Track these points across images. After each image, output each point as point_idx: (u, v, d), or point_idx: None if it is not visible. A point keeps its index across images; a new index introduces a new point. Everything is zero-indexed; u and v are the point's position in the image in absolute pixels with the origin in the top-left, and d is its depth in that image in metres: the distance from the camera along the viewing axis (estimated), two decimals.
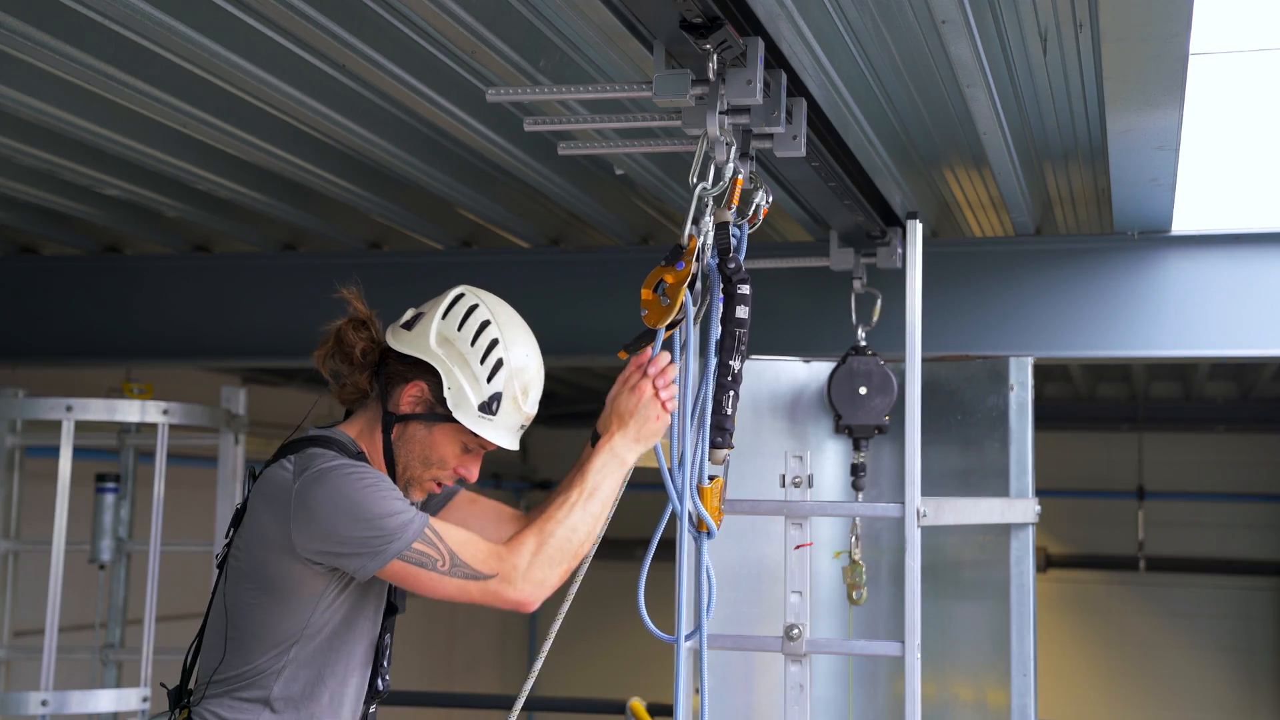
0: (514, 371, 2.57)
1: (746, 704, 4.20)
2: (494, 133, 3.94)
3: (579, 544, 2.51)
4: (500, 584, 2.43)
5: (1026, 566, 4.06)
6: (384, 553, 2.39)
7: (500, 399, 2.56)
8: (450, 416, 2.55)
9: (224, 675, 2.50)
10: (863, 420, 4.20)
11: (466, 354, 2.55)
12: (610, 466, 2.59)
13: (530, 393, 2.61)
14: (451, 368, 2.55)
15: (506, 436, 2.60)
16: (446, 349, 2.56)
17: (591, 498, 2.54)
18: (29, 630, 5.57)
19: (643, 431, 2.62)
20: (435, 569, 2.41)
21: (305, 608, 2.47)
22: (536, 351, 2.65)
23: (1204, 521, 11.46)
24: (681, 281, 2.62)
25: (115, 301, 5.79)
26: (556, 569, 2.47)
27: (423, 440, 2.58)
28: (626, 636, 6.85)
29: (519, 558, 2.44)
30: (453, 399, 2.54)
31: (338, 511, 2.40)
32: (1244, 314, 4.74)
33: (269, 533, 2.45)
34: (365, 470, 2.47)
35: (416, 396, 2.58)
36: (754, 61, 2.62)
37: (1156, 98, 3.34)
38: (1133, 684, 11.57)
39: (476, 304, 2.61)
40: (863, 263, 4.36)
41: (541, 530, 2.48)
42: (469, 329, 2.57)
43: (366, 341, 2.61)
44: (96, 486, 5.44)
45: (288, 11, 3.05)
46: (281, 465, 2.50)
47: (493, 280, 5.44)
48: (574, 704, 7.08)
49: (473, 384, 2.54)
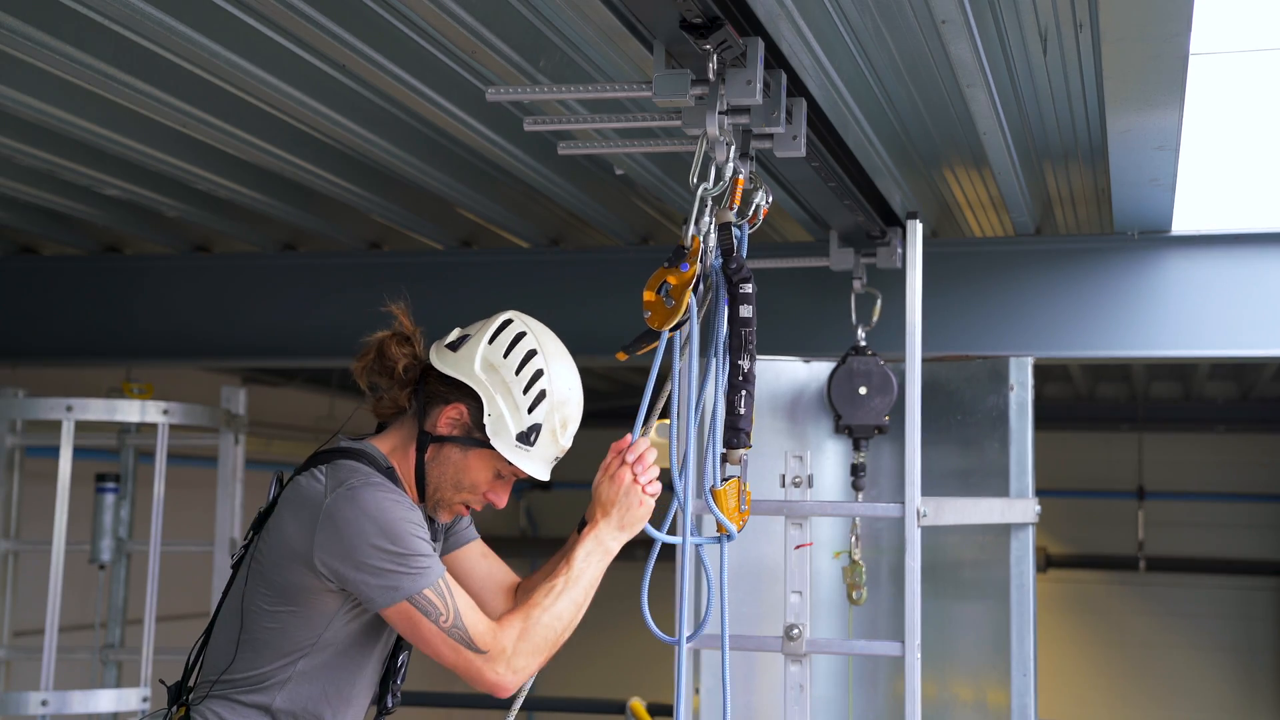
0: (555, 404, 2.56)
1: (746, 704, 4.20)
2: (494, 133, 3.94)
3: (561, 632, 2.50)
4: (486, 662, 2.42)
5: (1026, 566, 4.06)
6: (398, 590, 2.38)
7: (539, 430, 2.54)
8: (488, 443, 2.53)
9: (230, 677, 2.49)
10: (863, 420, 4.20)
11: (510, 382, 2.53)
12: (595, 555, 2.57)
13: (569, 426, 2.60)
14: (494, 394, 2.52)
15: (541, 468, 2.59)
16: (490, 375, 2.54)
17: (576, 585, 2.53)
18: (29, 630, 5.57)
19: (625, 519, 2.60)
20: (437, 622, 2.40)
21: (319, 621, 2.46)
22: (579, 386, 2.63)
23: (1204, 521, 11.46)
24: (686, 283, 2.61)
25: (115, 301, 5.79)
26: (536, 659, 2.46)
27: (456, 463, 2.56)
28: (626, 636, 6.85)
29: (506, 640, 2.43)
30: (492, 426, 2.52)
31: (366, 535, 2.38)
32: (1244, 314, 4.74)
33: (293, 542, 2.43)
34: (400, 498, 2.46)
35: (455, 419, 2.55)
36: (754, 61, 2.62)
37: (1156, 98, 3.34)
38: (1133, 684, 11.57)
39: (525, 332, 2.59)
40: (863, 263, 4.36)
41: (528, 617, 2.47)
42: (515, 357, 2.55)
43: (409, 358, 2.59)
44: (96, 486, 5.44)
45: (288, 11, 3.05)
46: (313, 475, 2.47)
47: (493, 280, 5.49)
48: (574, 704, 7.09)
49: (513, 413, 2.52)
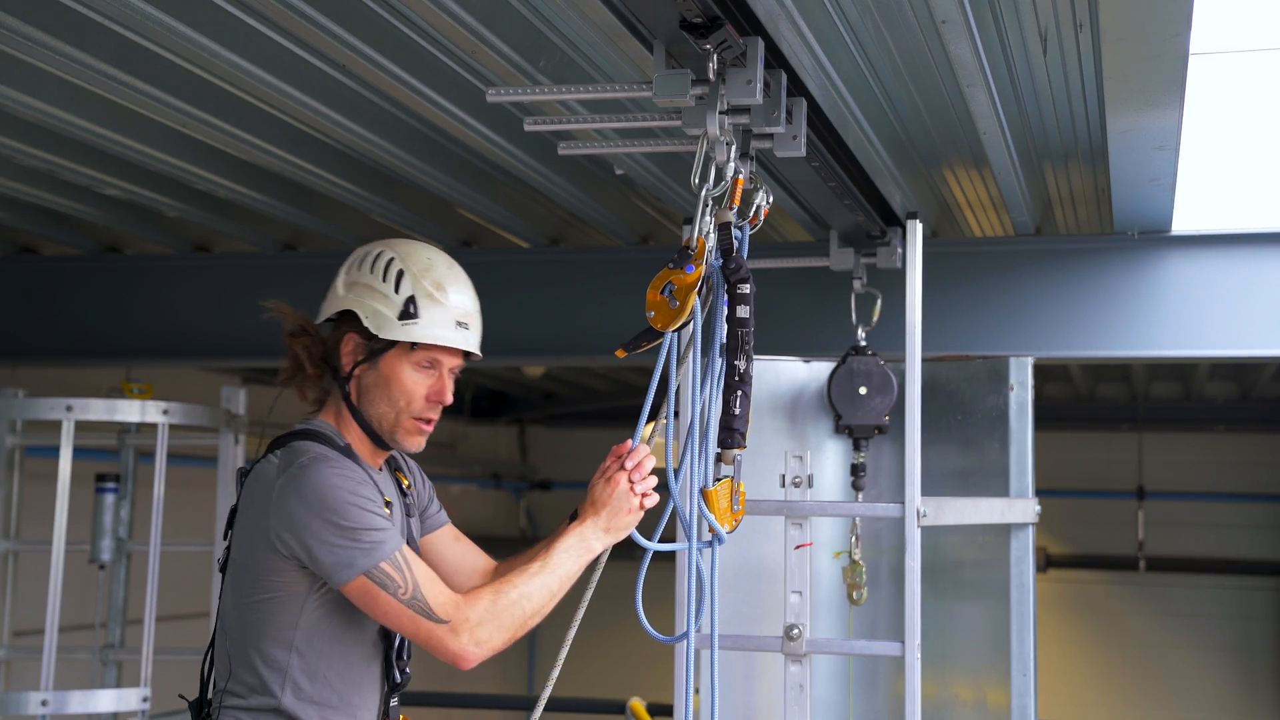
0: (418, 273, 2.57)
1: (747, 704, 4.20)
2: (494, 133, 3.94)
3: (529, 614, 2.49)
4: (449, 632, 2.41)
5: (1026, 566, 4.06)
6: (354, 566, 2.38)
7: (415, 300, 2.55)
8: (384, 343, 2.55)
9: (235, 685, 2.49)
10: (863, 420, 4.20)
11: (370, 281, 2.56)
12: (576, 551, 2.57)
13: (446, 287, 2.59)
14: (363, 299, 2.56)
15: (442, 333, 2.57)
16: (352, 288, 2.58)
17: (551, 574, 2.53)
18: (29, 630, 5.57)
19: (613, 523, 2.60)
20: (396, 595, 2.40)
21: (293, 606, 2.46)
22: (443, 255, 2.64)
23: (1204, 521, 11.46)
24: (691, 285, 2.61)
25: (115, 301, 5.79)
26: (501, 634, 2.45)
27: (377, 383, 2.58)
28: (626, 636, 6.85)
29: (472, 611, 2.43)
30: (375, 323, 2.54)
31: (316, 510, 2.39)
32: (1244, 314, 4.74)
33: (254, 525, 2.46)
34: (350, 472, 2.47)
35: (353, 347, 2.58)
36: (754, 61, 2.62)
37: (1156, 98, 3.34)
38: (1133, 684, 11.57)
39: (369, 246, 2.64)
40: (863, 263, 4.36)
41: (497, 592, 2.47)
42: (368, 262, 2.59)
43: (305, 340, 2.62)
44: (96, 486, 5.44)
45: (288, 11, 3.05)
46: (268, 460, 2.51)
47: (493, 280, 5.48)
48: (574, 704, 7.08)
49: (384, 301, 2.55)
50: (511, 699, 10.53)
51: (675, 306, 2.62)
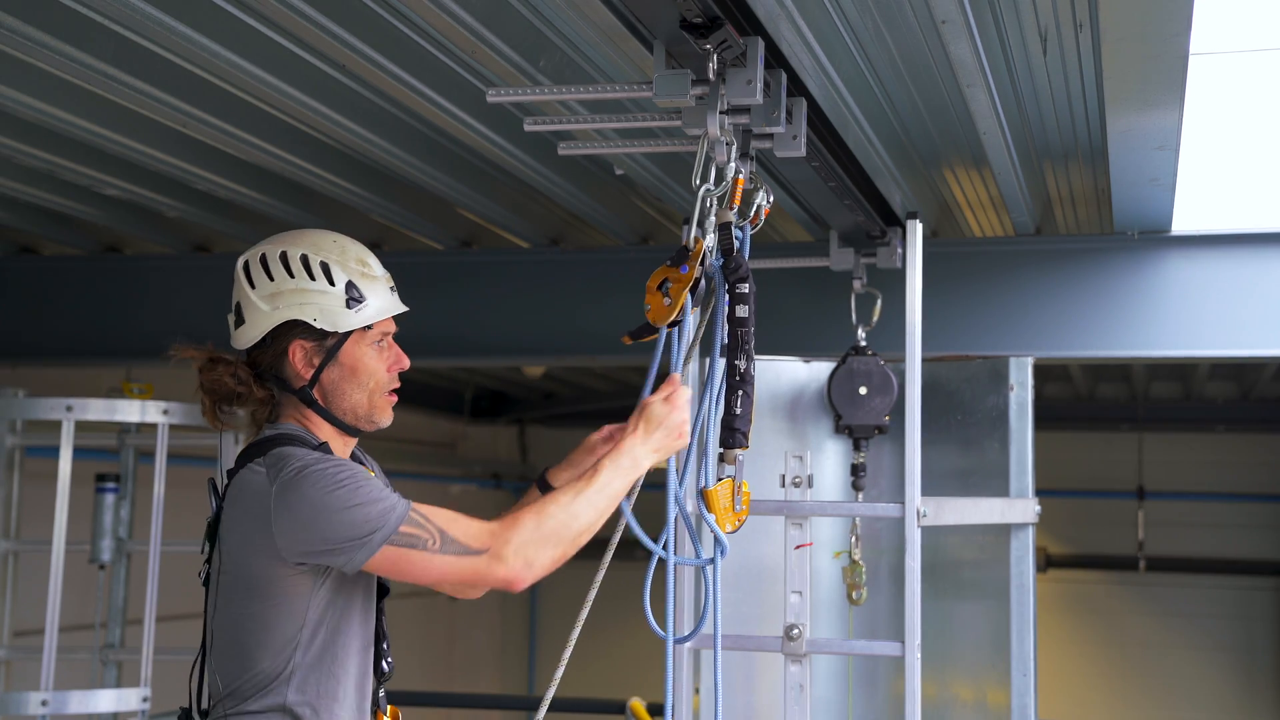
0: (337, 259, 2.54)
1: (747, 704, 4.20)
2: (494, 133, 3.94)
3: (577, 531, 2.46)
4: (490, 560, 2.38)
5: (1026, 566, 4.06)
6: (371, 541, 2.36)
7: (354, 285, 2.54)
8: (339, 336, 2.53)
9: (234, 690, 2.47)
10: (863, 420, 4.20)
11: (300, 286, 2.52)
12: (623, 466, 2.55)
13: (365, 259, 2.58)
14: (299, 305, 2.51)
15: (387, 304, 2.58)
16: (279, 300, 2.52)
17: (599, 492, 2.50)
18: (29, 630, 5.57)
19: (665, 443, 2.59)
20: (426, 548, 2.37)
21: (299, 607, 2.44)
22: (331, 233, 2.62)
23: (1204, 521, 11.46)
24: (684, 284, 2.62)
25: (115, 301, 5.79)
26: (549, 550, 2.42)
27: (341, 377, 2.56)
28: (626, 636, 6.86)
29: (513, 533, 2.40)
30: (327, 320, 2.52)
31: (320, 509, 2.37)
32: (1244, 314, 4.74)
33: (252, 539, 2.42)
34: (340, 463, 2.45)
35: (303, 355, 2.54)
36: (754, 61, 2.62)
37: (1156, 98, 3.34)
38: (1133, 684, 11.57)
39: (256, 254, 2.57)
40: (863, 263, 4.36)
41: (541, 511, 2.44)
42: (275, 270, 2.54)
43: (229, 369, 2.57)
44: (96, 486, 5.44)
45: (288, 11, 3.05)
46: (252, 470, 2.46)
47: (493, 280, 5.49)
48: (574, 704, 7.07)
49: (324, 296, 2.52)
50: (512, 699, 10.54)
51: (669, 304, 2.63)
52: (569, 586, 2.76)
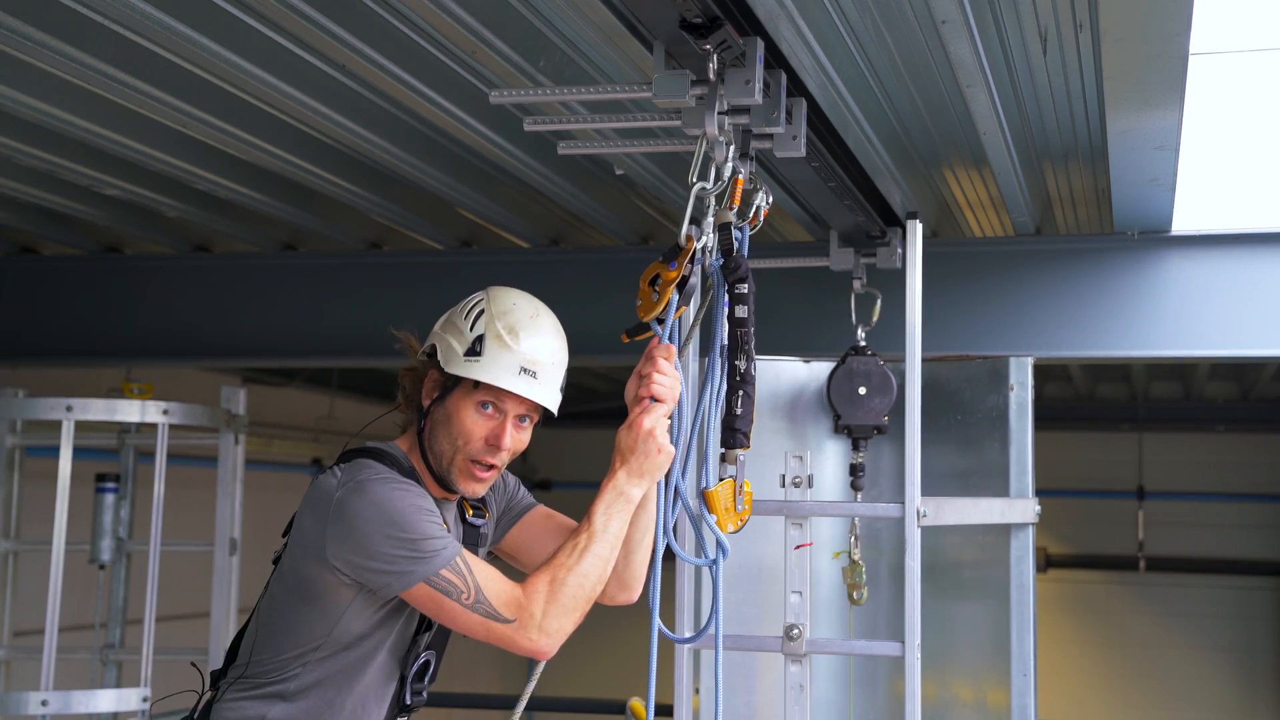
0: (496, 314, 2.58)
1: (747, 704, 4.20)
2: (494, 133, 3.94)
3: (591, 589, 2.50)
4: (517, 631, 2.43)
5: (1026, 566, 4.06)
6: (412, 574, 2.39)
7: (483, 340, 2.56)
8: (453, 379, 2.56)
9: (254, 669, 2.52)
10: (862, 420, 4.20)
11: (456, 320, 2.61)
12: (617, 505, 2.56)
13: (519, 332, 2.57)
14: (445, 335, 2.60)
15: (501, 375, 2.55)
16: (444, 326, 2.63)
17: (600, 541, 2.52)
18: (29, 630, 5.57)
19: (644, 466, 2.59)
20: (460, 600, 2.42)
21: (332, 614, 2.47)
22: (531, 301, 2.64)
23: (1204, 521, 11.46)
24: (670, 281, 2.61)
25: (115, 301, 5.79)
26: (571, 616, 2.47)
27: (443, 420, 2.58)
28: (627, 636, 6.85)
29: (534, 606, 2.44)
30: (445, 357, 2.57)
31: (375, 525, 2.40)
32: (1244, 314, 4.74)
33: (308, 537, 2.47)
34: (409, 487, 2.48)
35: (431, 384, 2.60)
36: (754, 61, 2.62)
37: (1156, 98, 3.34)
38: (1133, 684, 11.57)
39: (486, 292, 2.66)
40: (863, 263, 4.36)
41: (554, 579, 2.47)
42: (467, 304, 2.63)
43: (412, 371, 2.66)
44: (96, 486, 5.44)
45: (288, 11, 3.05)
46: (331, 473, 2.52)
47: (493, 280, 5.47)
48: (574, 704, 7.08)
49: (459, 338, 2.57)
50: (512, 699, 10.54)
51: (656, 299, 2.63)
52: None
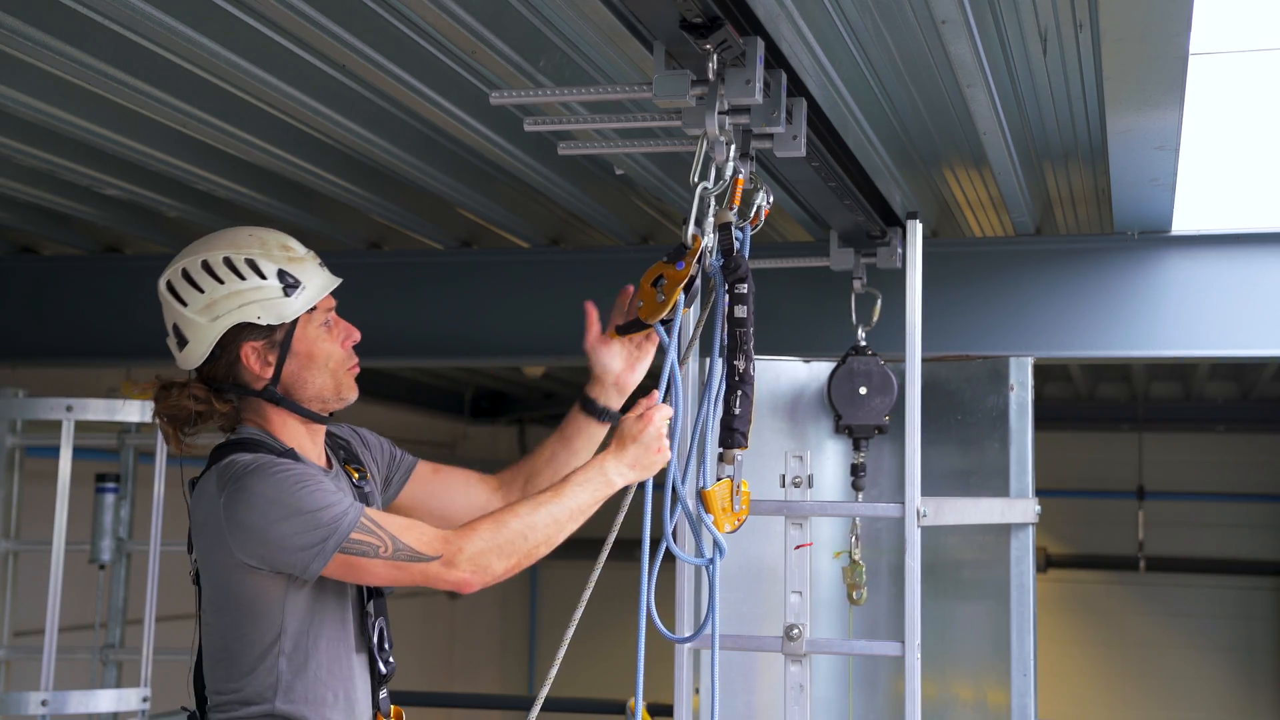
0: (260, 251, 2.51)
1: (747, 704, 4.20)
2: (494, 133, 3.94)
3: (534, 544, 2.46)
4: (442, 566, 2.39)
5: (1026, 566, 4.06)
6: (325, 548, 2.35)
7: (285, 272, 2.51)
8: (288, 324, 2.51)
9: (223, 697, 2.47)
10: (863, 420, 4.20)
11: (234, 289, 2.49)
12: (595, 483, 2.54)
13: (287, 244, 2.55)
14: (239, 308, 2.48)
15: (325, 282, 2.56)
16: (216, 309, 2.49)
17: (560, 504, 2.50)
18: (29, 630, 5.57)
19: (640, 460, 2.58)
20: (379, 555, 2.37)
21: (274, 616, 2.43)
22: (240, 227, 2.59)
23: (1204, 521, 11.46)
24: (677, 281, 2.61)
25: (115, 301, 5.79)
26: (503, 560, 2.42)
27: (300, 366, 2.54)
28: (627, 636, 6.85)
29: (467, 541, 2.40)
30: (271, 315, 2.49)
31: (269, 515, 2.36)
32: (1244, 314, 4.74)
33: (214, 553, 2.42)
34: (286, 465, 2.42)
35: (255, 354, 2.52)
36: (754, 61, 2.62)
37: (1156, 98, 3.34)
38: (1133, 684, 11.57)
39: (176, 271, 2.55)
40: (863, 263, 4.36)
41: (498, 521, 2.45)
42: (204, 282, 2.50)
43: (184, 391, 2.56)
44: (96, 486, 5.44)
45: (288, 11, 3.05)
46: (207, 480, 2.46)
47: (493, 280, 5.49)
48: (574, 704, 7.07)
49: (261, 293, 2.49)
50: (512, 699, 10.53)
51: (661, 300, 2.63)
52: (569, 586, 2.76)
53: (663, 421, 2.61)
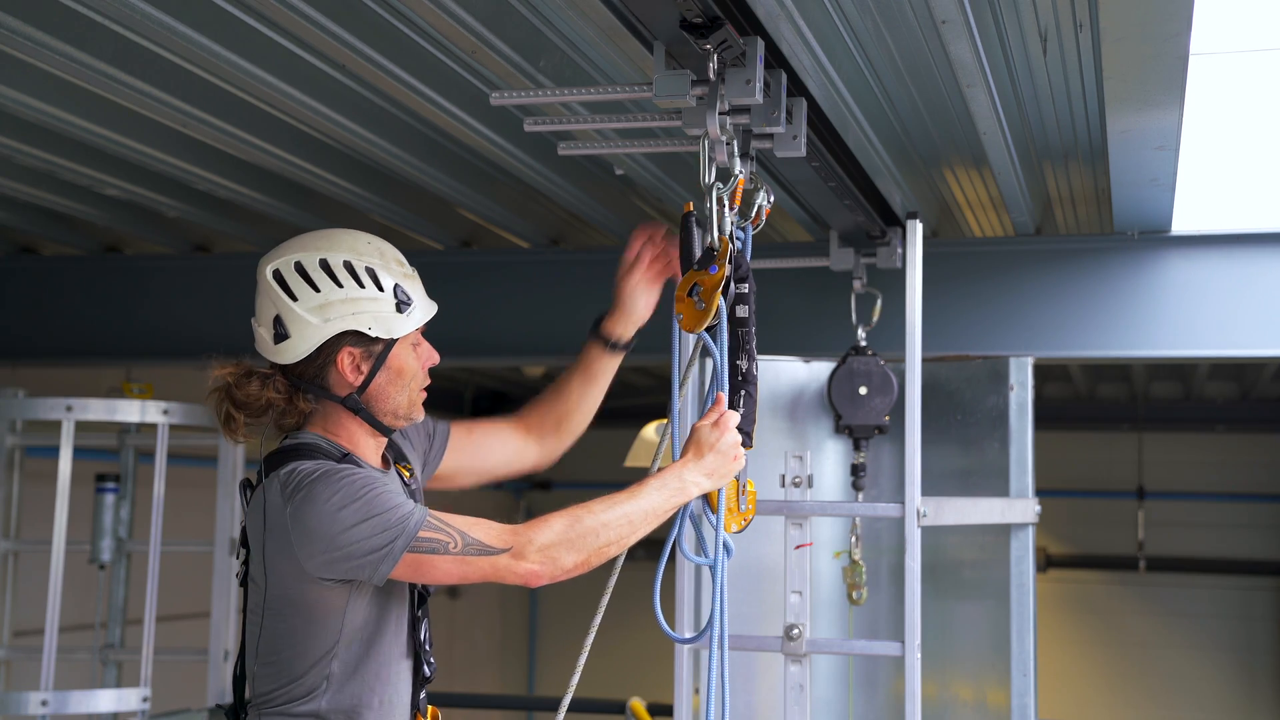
0: (380, 262, 2.52)
1: (747, 704, 4.20)
2: (494, 133, 3.94)
3: (606, 542, 2.44)
4: (512, 558, 2.39)
5: (1026, 566, 4.06)
6: (394, 549, 2.35)
7: (400, 288, 2.52)
8: (389, 341, 2.51)
9: (271, 694, 2.47)
10: (863, 420, 4.20)
11: (348, 298, 2.47)
12: (671, 489, 2.53)
13: (400, 257, 2.58)
14: (353, 315, 2.47)
15: (427, 305, 2.59)
16: (330, 311, 2.47)
17: (635, 504, 2.48)
18: (29, 630, 5.57)
19: (719, 469, 2.58)
20: (449, 551, 2.37)
21: (335, 621, 2.43)
22: (354, 231, 2.59)
23: (1204, 521, 11.46)
24: (715, 286, 2.61)
25: (115, 301, 5.79)
26: (573, 555, 2.41)
27: (388, 380, 2.53)
28: (627, 636, 6.86)
29: (538, 533, 2.40)
30: (382, 327, 2.49)
31: (338, 522, 2.35)
32: (1243, 314, 4.74)
33: (277, 563, 2.41)
34: (349, 472, 2.42)
35: (351, 361, 2.50)
36: (754, 61, 2.62)
37: (1156, 98, 3.34)
38: (1133, 684, 11.57)
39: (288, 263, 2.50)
40: (863, 263, 4.36)
41: (572, 515, 2.44)
42: (321, 282, 2.48)
43: (266, 383, 2.51)
44: (96, 486, 5.44)
45: (288, 11, 3.05)
46: (268, 488, 2.44)
47: (493, 280, 5.49)
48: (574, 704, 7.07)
49: (376, 304, 2.49)
50: (512, 699, 10.54)
51: (702, 308, 2.62)
52: (568, 586, 2.75)
53: (735, 427, 2.62)
